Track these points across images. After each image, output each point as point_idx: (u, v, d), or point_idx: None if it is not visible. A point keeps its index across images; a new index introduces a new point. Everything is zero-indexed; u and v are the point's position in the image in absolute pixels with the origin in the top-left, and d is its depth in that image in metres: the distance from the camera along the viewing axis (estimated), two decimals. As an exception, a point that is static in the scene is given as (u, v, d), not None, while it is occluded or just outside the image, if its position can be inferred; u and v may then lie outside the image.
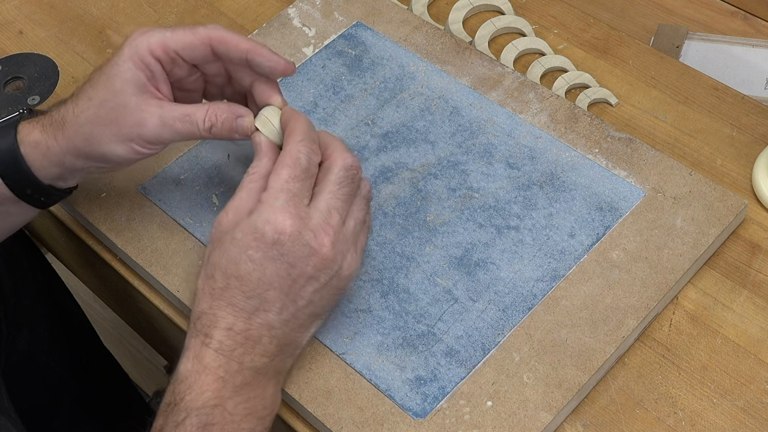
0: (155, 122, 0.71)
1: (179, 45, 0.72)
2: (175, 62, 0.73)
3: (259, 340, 0.67)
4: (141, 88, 0.72)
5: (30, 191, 0.75)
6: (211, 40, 0.73)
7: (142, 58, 0.72)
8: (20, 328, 1.00)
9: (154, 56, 0.72)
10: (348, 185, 0.70)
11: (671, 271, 0.76)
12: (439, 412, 0.71)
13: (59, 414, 1.08)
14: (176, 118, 0.72)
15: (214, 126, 0.72)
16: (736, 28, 1.04)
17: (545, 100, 0.86)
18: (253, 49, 0.73)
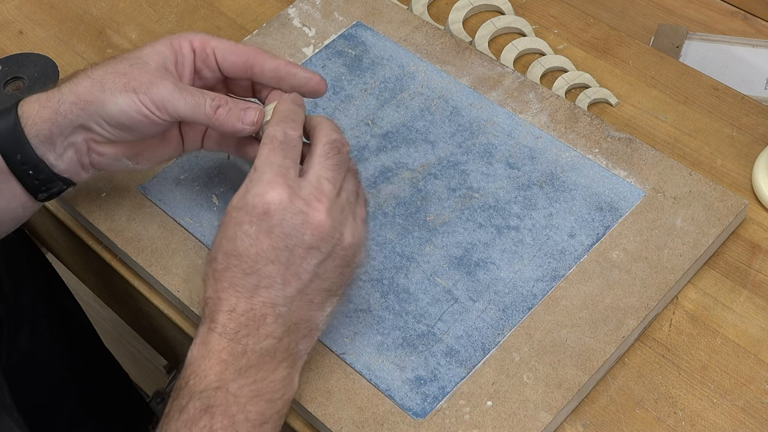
0: (168, 87, 0.71)
1: (219, 46, 0.74)
2: (207, 62, 0.74)
3: (264, 319, 0.66)
4: (165, 63, 0.73)
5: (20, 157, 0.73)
6: (250, 55, 0.74)
7: (180, 43, 0.73)
8: (20, 327, 1.00)
9: (192, 47, 0.74)
10: (334, 156, 0.69)
11: (671, 271, 0.76)
12: (439, 412, 0.71)
13: (59, 414, 1.08)
14: (187, 90, 0.71)
15: (221, 107, 0.72)
16: (736, 28, 1.04)
17: (545, 100, 0.86)
18: (287, 64, 0.74)
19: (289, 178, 0.67)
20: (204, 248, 0.80)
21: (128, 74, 0.71)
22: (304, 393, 0.72)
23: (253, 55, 0.74)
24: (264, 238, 0.66)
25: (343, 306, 0.76)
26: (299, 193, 0.67)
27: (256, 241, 0.66)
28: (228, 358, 0.65)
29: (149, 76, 0.71)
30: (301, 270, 0.67)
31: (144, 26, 1.00)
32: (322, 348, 0.74)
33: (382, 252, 0.79)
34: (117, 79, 0.71)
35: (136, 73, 0.71)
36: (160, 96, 0.71)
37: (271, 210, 0.66)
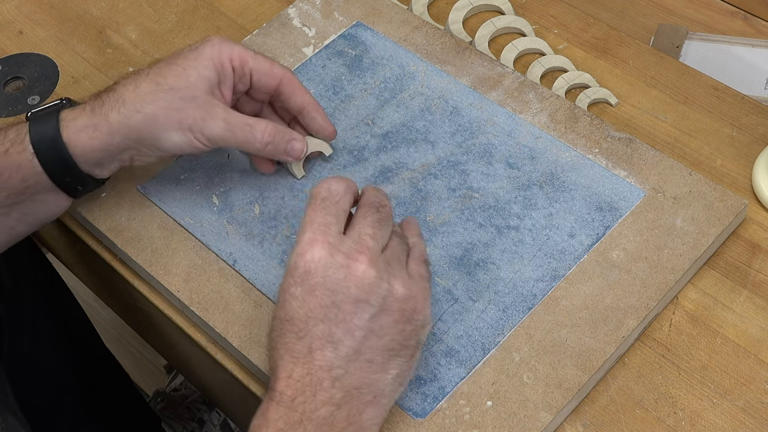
0: (220, 122, 0.75)
1: (256, 67, 0.77)
2: (243, 80, 0.77)
3: (320, 384, 0.63)
4: (211, 87, 0.75)
5: (69, 179, 0.76)
6: (283, 79, 0.78)
7: (222, 61, 0.75)
8: (21, 328, 1.00)
9: (232, 64, 0.76)
10: (373, 214, 0.67)
11: (671, 271, 0.76)
12: (439, 412, 0.71)
13: (60, 413, 1.08)
14: (238, 124, 0.75)
15: (271, 143, 0.77)
16: (736, 28, 1.04)
17: (545, 100, 0.86)
18: (312, 105, 0.80)
19: (329, 234, 0.65)
20: (204, 248, 0.80)
21: (181, 110, 0.74)
22: (304, 393, 0.72)
23: (285, 82, 0.78)
24: (310, 297, 0.64)
25: None
26: (340, 248, 0.65)
27: (303, 303, 0.64)
28: (284, 427, 0.62)
29: (201, 112, 0.74)
30: (353, 326, 0.64)
31: (144, 26, 1.00)
32: (322, 348, 0.74)
33: (382, 252, 0.79)
34: (171, 115, 0.74)
35: (189, 109, 0.74)
36: (214, 132, 0.75)
37: (312, 268, 0.64)
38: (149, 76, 0.75)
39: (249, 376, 0.76)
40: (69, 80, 0.96)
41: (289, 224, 0.81)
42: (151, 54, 0.97)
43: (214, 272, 0.79)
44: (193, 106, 0.74)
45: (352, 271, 0.64)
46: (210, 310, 0.77)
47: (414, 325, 0.66)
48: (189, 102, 0.74)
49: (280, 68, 0.78)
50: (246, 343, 0.75)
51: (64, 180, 0.76)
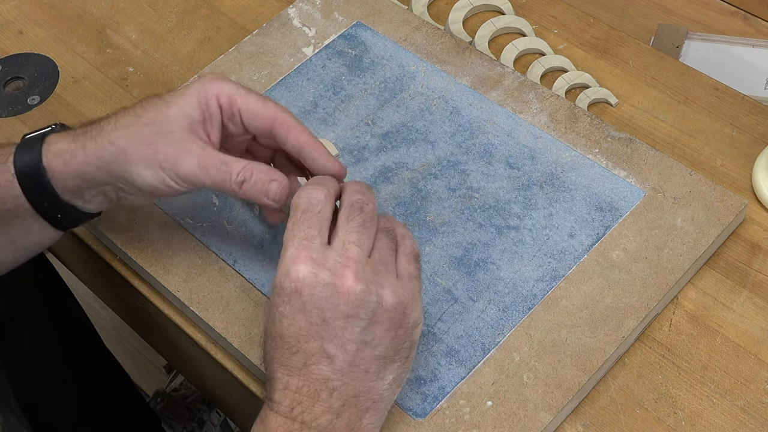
0: (193, 161, 0.70)
1: (245, 107, 0.72)
2: (233, 120, 0.72)
3: (318, 395, 0.63)
4: (192, 125, 0.71)
5: (47, 205, 0.73)
6: (275, 121, 0.72)
7: (207, 99, 0.71)
8: (22, 328, 1.00)
9: (219, 103, 0.71)
10: (357, 217, 0.66)
11: (671, 271, 0.76)
12: (439, 412, 0.71)
13: (60, 413, 1.08)
14: (213, 163, 0.70)
15: (246, 182, 0.70)
16: (736, 28, 1.04)
17: (545, 100, 0.86)
18: (310, 144, 0.72)
19: (313, 249, 0.64)
20: (204, 248, 0.80)
21: (153, 145, 0.70)
22: (304, 393, 0.72)
23: (278, 124, 0.72)
24: (299, 316, 0.63)
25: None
26: (325, 263, 0.64)
27: (293, 321, 0.64)
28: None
29: (174, 149, 0.70)
30: (345, 341, 0.64)
31: (144, 26, 1.00)
32: (322, 348, 0.74)
33: (382, 252, 0.79)
34: (141, 150, 0.70)
35: (161, 144, 0.70)
36: (186, 171, 0.70)
37: (298, 288, 0.63)
38: (133, 109, 0.72)
39: (249, 376, 0.76)
40: (69, 80, 0.96)
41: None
42: (150, 54, 0.97)
43: (214, 272, 0.79)
44: (168, 143, 0.70)
45: (338, 288, 0.63)
46: (210, 310, 0.77)
47: (406, 328, 0.66)
48: (164, 138, 0.70)
49: (273, 108, 0.72)
50: (246, 343, 0.75)
51: (43, 205, 0.73)
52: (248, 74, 0.91)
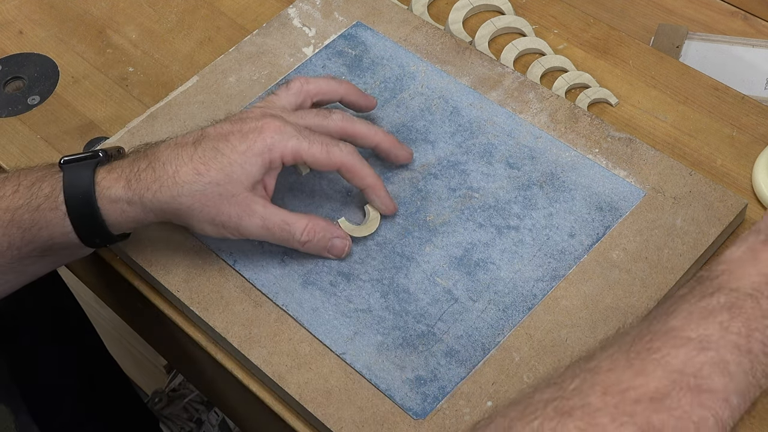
0: (257, 222, 0.73)
1: (311, 160, 0.75)
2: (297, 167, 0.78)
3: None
4: (254, 184, 0.73)
5: (98, 240, 0.76)
6: (342, 167, 0.76)
7: (272, 160, 0.74)
8: (21, 328, 1.00)
9: (284, 161, 0.74)
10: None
11: (671, 271, 0.76)
12: (439, 412, 0.71)
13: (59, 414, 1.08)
14: (276, 224, 0.74)
15: (309, 242, 0.75)
16: (736, 28, 1.04)
17: (545, 100, 0.86)
18: (373, 186, 0.77)
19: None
20: (204, 248, 0.80)
21: (216, 207, 0.72)
22: (304, 393, 0.72)
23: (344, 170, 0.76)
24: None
25: (343, 306, 0.76)
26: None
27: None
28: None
29: (238, 210, 0.73)
30: None
31: (144, 26, 1.00)
32: (322, 348, 0.74)
33: (382, 252, 0.79)
34: (204, 211, 0.73)
35: (224, 206, 0.73)
36: (249, 231, 0.74)
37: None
38: (192, 161, 0.73)
39: (249, 376, 0.76)
40: (69, 80, 0.96)
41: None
42: (150, 54, 0.97)
43: (214, 272, 0.79)
44: (231, 204, 0.73)
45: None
46: (210, 310, 0.77)
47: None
48: (227, 200, 0.72)
49: (338, 156, 0.75)
50: (246, 343, 0.75)
51: (94, 241, 0.76)
52: (248, 74, 0.91)
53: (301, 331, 0.75)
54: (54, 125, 0.93)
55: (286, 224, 0.74)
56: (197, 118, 0.88)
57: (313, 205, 0.82)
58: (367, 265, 0.78)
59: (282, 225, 0.74)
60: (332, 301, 0.76)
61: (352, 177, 0.76)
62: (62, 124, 0.93)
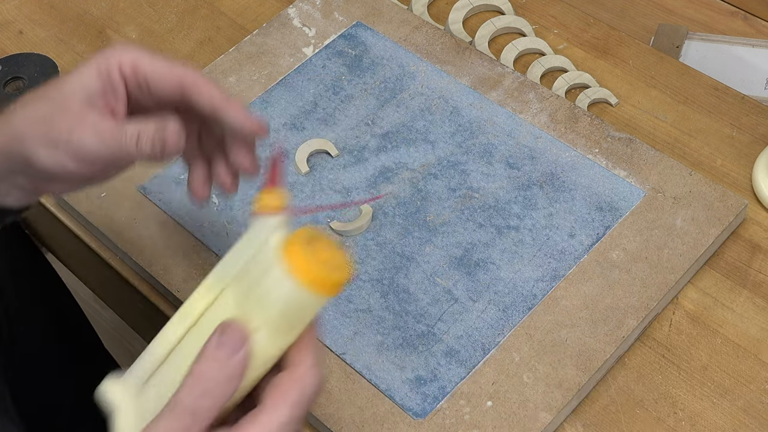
0: (89, 134, 0.63)
1: (150, 71, 0.65)
2: (142, 89, 0.66)
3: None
4: (92, 97, 0.64)
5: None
6: (184, 80, 0.65)
7: (108, 69, 0.65)
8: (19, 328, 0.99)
9: (122, 73, 0.65)
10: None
11: (671, 271, 0.76)
12: (439, 412, 0.71)
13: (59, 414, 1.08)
14: (108, 129, 0.63)
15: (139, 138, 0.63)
16: (736, 28, 1.04)
17: (545, 100, 0.86)
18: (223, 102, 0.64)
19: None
20: (204, 248, 0.80)
21: (47, 121, 0.63)
22: (304, 393, 0.72)
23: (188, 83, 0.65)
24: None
25: (343, 306, 0.76)
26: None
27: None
28: None
29: (70, 121, 0.63)
30: None
31: (144, 26, 1.00)
32: (322, 348, 0.74)
33: (382, 252, 0.79)
34: (36, 128, 0.63)
35: (56, 120, 0.63)
36: (81, 145, 0.63)
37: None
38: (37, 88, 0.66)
39: (249, 376, 0.76)
40: (69, 80, 0.96)
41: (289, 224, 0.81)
42: (151, 54, 0.97)
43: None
44: (63, 116, 0.63)
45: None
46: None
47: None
48: (58, 112, 0.63)
49: (181, 67, 0.65)
50: (246, 343, 0.75)
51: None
52: (248, 74, 0.91)
53: (301, 331, 0.75)
54: (54, 125, 0.93)
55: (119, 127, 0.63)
56: (197, 118, 0.88)
57: (313, 206, 0.82)
58: (367, 265, 0.78)
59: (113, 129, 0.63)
60: (332, 301, 0.76)
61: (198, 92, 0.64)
62: (62, 124, 0.93)
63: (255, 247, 0.55)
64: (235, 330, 0.54)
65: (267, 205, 0.56)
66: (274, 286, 0.53)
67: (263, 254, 0.54)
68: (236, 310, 0.54)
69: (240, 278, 0.55)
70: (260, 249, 0.55)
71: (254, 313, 0.54)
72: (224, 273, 0.56)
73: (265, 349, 0.54)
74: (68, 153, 0.63)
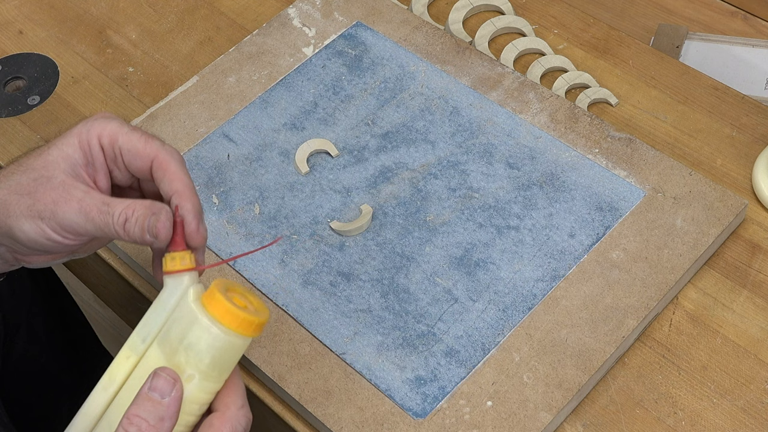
0: (74, 206, 0.63)
1: (126, 145, 0.65)
2: (116, 161, 0.66)
3: None
4: (75, 168, 0.64)
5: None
6: (154, 159, 0.64)
7: (88, 140, 0.65)
8: (18, 328, 0.99)
9: (101, 144, 0.65)
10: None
11: (671, 271, 0.76)
12: (439, 412, 0.71)
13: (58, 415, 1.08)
14: (95, 206, 0.63)
15: (128, 221, 0.62)
16: (736, 28, 1.04)
17: (545, 100, 0.86)
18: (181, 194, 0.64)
19: None
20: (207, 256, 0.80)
21: (32, 194, 0.63)
22: (304, 393, 0.72)
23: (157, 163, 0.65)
24: None
25: (343, 306, 0.76)
26: None
27: None
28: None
29: (54, 195, 0.63)
30: None
31: (144, 26, 1.00)
32: (322, 348, 0.74)
33: (382, 252, 0.79)
34: (21, 202, 0.63)
35: (41, 192, 0.63)
36: (67, 219, 0.63)
37: None
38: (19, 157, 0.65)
39: (249, 376, 0.76)
40: (69, 80, 0.96)
41: (289, 224, 0.81)
42: (150, 54, 0.97)
43: (214, 272, 0.79)
44: (47, 189, 0.63)
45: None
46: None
47: None
48: (42, 184, 0.63)
49: (156, 146, 0.64)
50: (246, 343, 0.75)
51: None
52: (248, 74, 0.91)
53: (301, 331, 0.75)
54: (54, 125, 0.93)
55: (105, 205, 0.63)
56: (197, 118, 0.88)
57: (313, 205, 0.82)
58: (367, 265, 0.78)
59: (101, 206, 0.63)
60: (332, 301, 0.76)
61: (162, 176, 0.64)
62: (62, 124, 0.93)
63: (172, 304, 0.60)
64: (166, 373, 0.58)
65: (177, 265, 0.60)
66: (201, 336, 0.58)
67: (183, 309, 0.59)
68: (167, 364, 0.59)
69: (165, 334, 0.59)
70: (179, 305, 0.59)
71: (186, 363, 0.58)
72: (146, 332, 0.60)
73: (199, 395, 0.59)
74: (52, 226, 0.63)
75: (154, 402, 0.58)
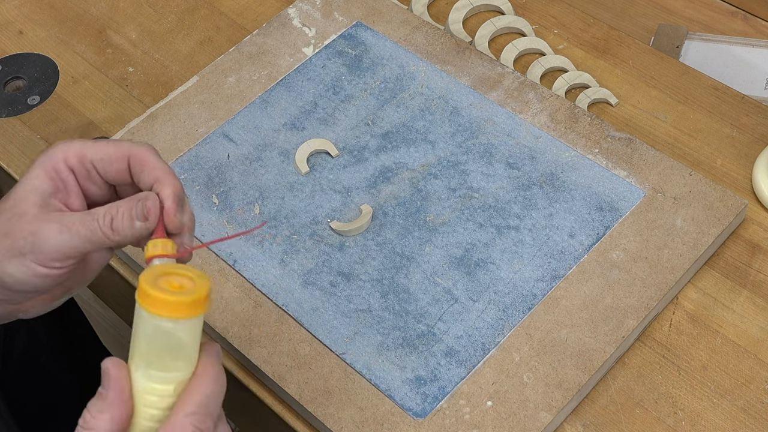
0: (53, 228, 0.60)
1: (97, 156, 0.63)
2: (90, 176, 0.64)
3: None
4: (45, 198, 0.62)
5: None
6: (130, 156, 0.63)
7: (54, 166, 0.63)
8: (17, 328, 0.99)
9: (68, 165, 0.63)
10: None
11: (671, 271, 0.76)
12: (439, 412, 0.71)
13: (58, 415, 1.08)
14: (76, 218, 0.61)
15: (114, 219, 0.61)
16: (736, 28, 1.04)
17: (545, 100, 0.86)
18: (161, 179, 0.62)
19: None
20: (204, 248, 0.80)
21: (9, 234, 0.61)
22: (304, 393, 0.72)
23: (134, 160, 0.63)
24: None
25: (343, 306, 0.76)
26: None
27: None
28: None
29: (30, 228, 0.61)
30: None
31: (144, 26, 1.00)
32: (322, 348, 0.74)
33: (382, 252, 0.79)
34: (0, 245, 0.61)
35: (17, 229, 0.61)
36: (49, 246, 0.60)
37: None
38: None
39: (249, 376, 0.76)
40: (69, 80, 0.96)
41: (289, 224, 0.81)
42: (150, 54, 0.97)
43: (214, 272, 0.79)
44: (22, 224, 0.61)
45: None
46: (210, 310, 0.77)
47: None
48: (16, 222, 0.61)
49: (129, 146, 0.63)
50: (246, 343, 0.75)
51: None
52: (248, 74, 0.91)
53: (301, 331, 0.75)
54: (54, 125, 0.93)
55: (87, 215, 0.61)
56: (197, 118, 0.88)
57: (313, 205, 0.82)
58: (367, 265, 0.78)
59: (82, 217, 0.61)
60: (332, 301, 0.76)
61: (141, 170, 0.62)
62: (62, 124, 0.93)
63: None
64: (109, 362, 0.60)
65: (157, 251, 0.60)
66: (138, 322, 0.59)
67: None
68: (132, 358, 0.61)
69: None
70: None
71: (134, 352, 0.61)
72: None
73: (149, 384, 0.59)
74: (36, 259, 0.61)
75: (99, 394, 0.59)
